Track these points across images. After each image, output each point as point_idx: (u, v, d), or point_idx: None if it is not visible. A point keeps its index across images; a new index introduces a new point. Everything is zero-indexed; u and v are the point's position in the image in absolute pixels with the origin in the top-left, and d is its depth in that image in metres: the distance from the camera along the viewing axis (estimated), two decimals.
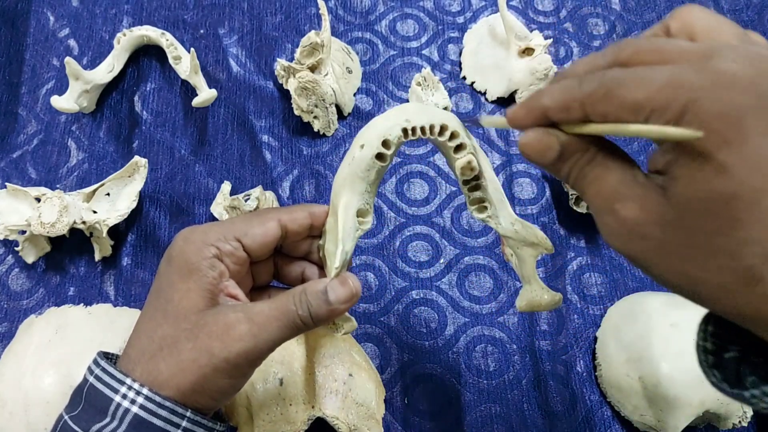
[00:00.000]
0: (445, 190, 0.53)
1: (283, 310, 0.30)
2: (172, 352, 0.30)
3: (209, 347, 0.29)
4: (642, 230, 0.22)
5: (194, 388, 0.29)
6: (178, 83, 0.57)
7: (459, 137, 0.31)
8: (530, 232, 0.33)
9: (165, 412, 0.29)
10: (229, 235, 0.31)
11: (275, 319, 0.30)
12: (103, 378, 0.30)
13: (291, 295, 0.31)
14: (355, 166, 0.31)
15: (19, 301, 0.49)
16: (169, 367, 0.29)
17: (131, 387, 0.29)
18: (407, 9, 0.61)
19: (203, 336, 0.29)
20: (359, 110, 0.56)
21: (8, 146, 0.55)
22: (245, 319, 0.30)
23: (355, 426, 0.40)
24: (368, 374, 0.43)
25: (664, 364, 0.42)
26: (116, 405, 0.29)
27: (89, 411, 0.30)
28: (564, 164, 0.25)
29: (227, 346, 0.29)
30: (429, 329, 0.48)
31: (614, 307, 0.49)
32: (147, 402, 0.29)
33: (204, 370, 0.29)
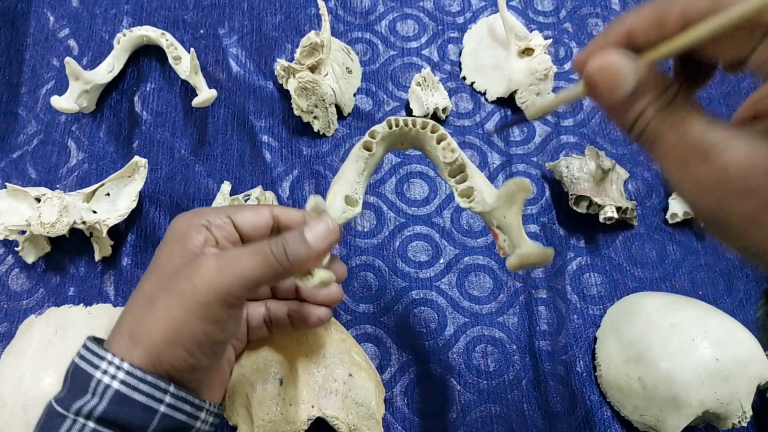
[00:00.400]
0: (445, 190, 0.53)
1: (256, 249, 0.30)
2: (150, 308, 0.30)
3: (179, 289, 0.29)
4: (747, 182, 0.17)
5: (167, 338, 0.29)
6: (178, 83, 0.57)
7: (439, 130, 0.35)
8: (508, 186, 0.33)
9: (147, 387, 0.29)
10: (221, 213, 0.33)
11: (246, 255, 0.30)
12: (85, 356, 0.30)
13: (267, 238, 0.31)
14: (348, 157, 0.35)
15: (19, 301, 0.49)
16: (146, 323, 0.29)
17: (111, 362, 0.29)
18: (407, 9, 0.61)
19: (174, 282, 0.29)
20: (359, 110, 0.56)
21: (8, 146, 0.55)
22: (213, 256, 0.30)
23: (355, 426, 0.40)
24: (368, 374, 0.43)
25: (663, 364, 0.42)
26: (96, 381, 0.28)
27: (73, 390, 0.29)
28: (637, 102, 0.20)
29: (194, 283, 0.29)
30: (429, 329, 0.48)
31: (614, 307, 0.49)
32: (128, 377, 0.28)
33: (174, 313, 0.29)
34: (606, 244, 0.51)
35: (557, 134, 0.55)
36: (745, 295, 0.50)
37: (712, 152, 0.18)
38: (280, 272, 0.30)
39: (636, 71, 0.20)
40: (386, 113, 0.56)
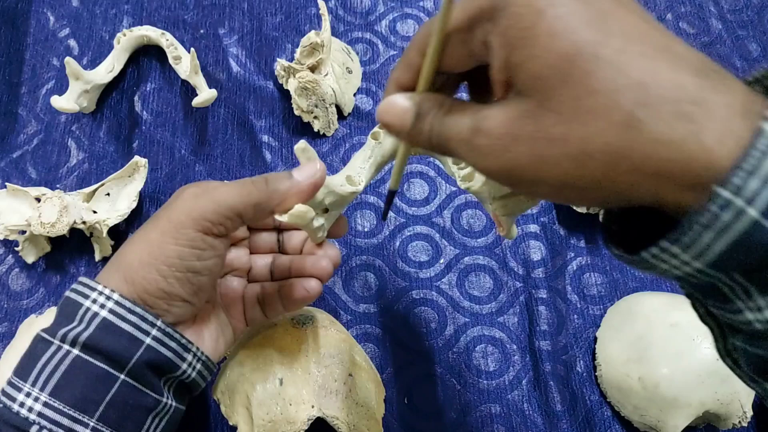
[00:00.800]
0: (445, 190, 0.53)
1: (239, 182, 0.31)
2: (131, 239, 0.31)
3: (158, 215, 0.31)
4: (513, 131, 0.21)
5: (141, 260, 0.30)
6: (178, 83, 0.57)
7: None
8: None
9: (134, 317, 0.29)
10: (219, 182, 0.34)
11: (225, 185, 0.31)
12: (76, 288, 0.30)
13: (252, 177, 0.32)
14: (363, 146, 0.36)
15: (19, 301, 0.49)
16: (126, 251, 0.31)
17: (102, 293, 0.29)
18: (407, 9, 0.61)
19: (158, 212, 0.31)
20: (359, 110, 0.56)
21: (8, 146, 0.55)
22: (193, 185, 0.31)
23: (355, 426, 0.40)
24: (368, 374, 0.43)
25: (663, 364, 0.42)
26: (85, 309, 0.29)
27: (59, 320, 0.30)
28: (423, 122, 0.25)
29: (172, 207, 0.30)
30: (429, 329, 0.48)
31: (614, 307, 0.49)
32: (117, 306, 0.29)
33: (150, 235, 0.30)
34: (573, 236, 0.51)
35: None
36: None
37: (482, 124, 0.22)
38: (258, 200, 0.31)
39: (414, 102, 0.25)
40: None
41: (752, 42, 0.60)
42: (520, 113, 0.21)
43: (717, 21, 0.61)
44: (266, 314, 0.39)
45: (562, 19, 0.19)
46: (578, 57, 0.19)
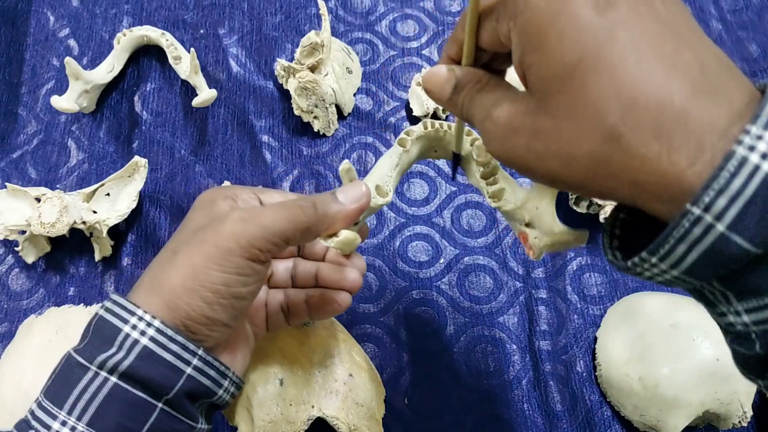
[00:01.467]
0: (445, 190, 0.53)
1: (283, 204, 0.30)
2: (171, 260, 0.29)
3: (202, 239, 0.29)
4: (515, 124, 0.23)
5: (185, 284, 0.28)
6: (178, 83, 0.57)
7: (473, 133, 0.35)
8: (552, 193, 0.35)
9: (176, 346, 0.28)
10: (248, 190, 0.33)
11: (272, 209, 0.30)
12: (112, 309, 0.29)
13: (300, 199, 0.31)
14: (384, 154, 0.36)
15: (19, 301, 0.49)
16: (165, 271, 0.29)
17: (142, 318, 0.28)
18: (407, 9, 0.61)
19: (199, 234, 0.29)
20: (359, 110, 0.56)
21: (8, 146, 0.55)
22: (239, 209, 0.30)
23: (355, 426, 0.40)
24: (368, 374, 0.43)
25: (663, 364, 0.42)
26: (124, 335, 0.28)
27: (95, 342, 0.28)
28: (459, 95, 0.27)
29: (217, 232, 0.29)
30: (429, 329, 0.48)
31: (614, 307, 0.49)
32: (158, 334, 0.28)
33: (194, 260, 0.29)
34: None
35: None
36: None
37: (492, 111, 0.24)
38: (307, 226, 0.30)
39: (455, 75, 0.27)
40: (386, 113, 0.56)
41: (752, 43, 0.60)
42: (524, 109, 0.23)
43: (717, 22, 0.61)
44: (289, 322, 0.38)
45: (573, 24, 0.20)
46: (579, 66, 0.20)
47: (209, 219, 0.31)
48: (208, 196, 0.33)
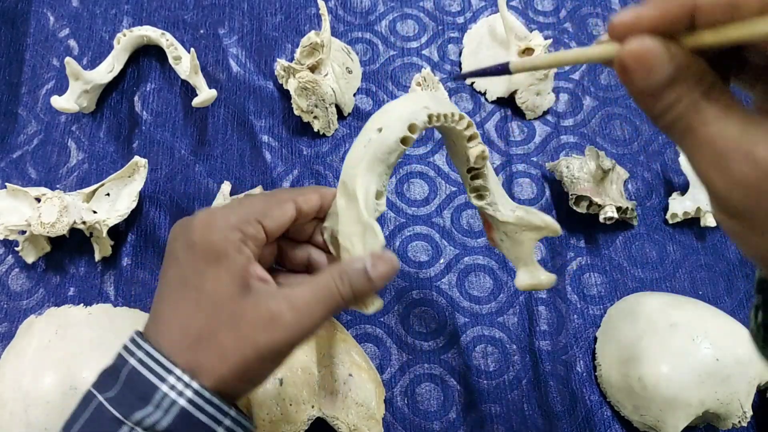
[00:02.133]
0: (445, 190, 0.53)
1: (325, 293, 0.30)
2: (212, 344, 0.29)
3: (254, 338, 0.28)
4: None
5: (236, 377, 0.29)
6: (178, 83, 0.57)
7: (473, 126, 0.33)
8: (535, 216, 0.35)
9: (211, 408, 0.28)
10: (251, 218, 0.30)
11: (317, 303, 0.29)
12: (147, 363, 0.28)
13: (330, 276, 0.30)
14: (374, 149, 0.31)
15: (19, 301, 0.49)
16: (210, 359, 0.29)
17: (180, 378, 0.28)
18: (407, 9, 0.61)
19: (245, 326, 0.29)
20: (359, 110, 0.56)
21: (8, 146, 0.55)
22: (289, 308, 0.29)
23: (355, 426, 0.40)
24: (368, 374, 0.43)
25: (663, 364, 0.42)
26: (162, 395, 0.28)
27: (128, 396, 0.28)
28: (671, 91, 0.19)
29: (273, 337, 0.28)
30: (429, 329, 0.48)
31: (614, 307, 0.49)
32: (195, 396, 0.28)
33: (248, 359, 0.28)
34: (606, 244, 0.51)
35: (557, 134, 0.55)
36: (745, 295, 0.50)
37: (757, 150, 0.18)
38: (343, 308, 0.31)
39: (674, 58, 0.19)
40: None
41: None
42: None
43: None
44: None
45: None
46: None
47: (235, 286, 0.29)
48: (218, 245, 0.29)
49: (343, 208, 0.33)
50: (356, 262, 0.30)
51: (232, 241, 0.29)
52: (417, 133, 0.31)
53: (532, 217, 0.35)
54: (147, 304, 0.49)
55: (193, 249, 0.30)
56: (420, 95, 0.33)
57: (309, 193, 0.33)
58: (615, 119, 0.56)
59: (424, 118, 0.31)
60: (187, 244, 0.30)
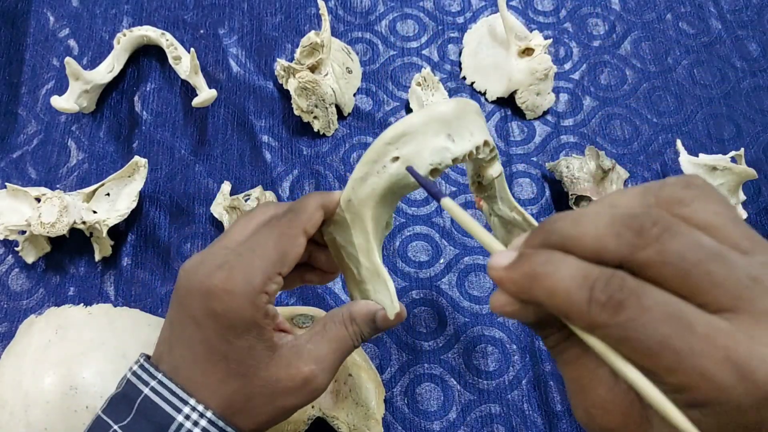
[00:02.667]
0: (445, 190, 0.53)
1: (343, 347, 0.31)
2: (246, 409, 0.29)
3: (290, 403, 0.30)
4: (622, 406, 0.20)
5: (260, 427, 0.30)
6: (178, 83, 0.57)
7: (495, 150, 0.32)
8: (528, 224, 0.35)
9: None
10: (272, 273, 0.29)
11: (339, 359, 0.31)
12: (161, 393, 0.29)
13: (343, 326, 0.31)
14: (388, 181, 0.30)
15: (19, 301, 0.49)
16: (245, 423, 0.30)
17: (195, 408, 0.28)
18: (407, 9, 0.61)
19: (281, 393, 0.30)
20: (359, 110, 0.56)
21: (8, 146, 0.55)
22: (320, 370, 0.30)
23: (355, 426, 0.40)
24: (368, 374, 0.43)
25: None
26: (178, 425, 0.28)
27: (143, 424, 0.28)
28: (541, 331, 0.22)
29: (305, 398, 0.30)
30: (429, 329, 0.48)
31: None
32: (210, 426, 0.28)
33: (277, 419, 0.30)
34: None
35: (557, 134, 0.55)
36: None
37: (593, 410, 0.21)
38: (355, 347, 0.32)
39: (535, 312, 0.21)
40: (386, 113, 0.56)
41: (752, 42, 0.60)
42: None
43: (717, 21, 0.61)
44: None
45: None
46: None
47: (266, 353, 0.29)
48: (235, 313, 0.28)
49: (347, 223, 0.32)
50: (366, 310, 0.32)
51: (259, 308, 0.28)
52: (439, 176, 0.30)
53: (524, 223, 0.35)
54: (147, 304, 0.49)
55: (216, 319, 0.28)
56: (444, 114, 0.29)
57: (314, 214, 0.31)
58: (615, 119, 0.56)
59: (448, 162, 0.29)
60: (209, 312, 0.28)
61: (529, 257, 0.20)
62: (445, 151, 0.29)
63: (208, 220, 0.52)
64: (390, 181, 0.30)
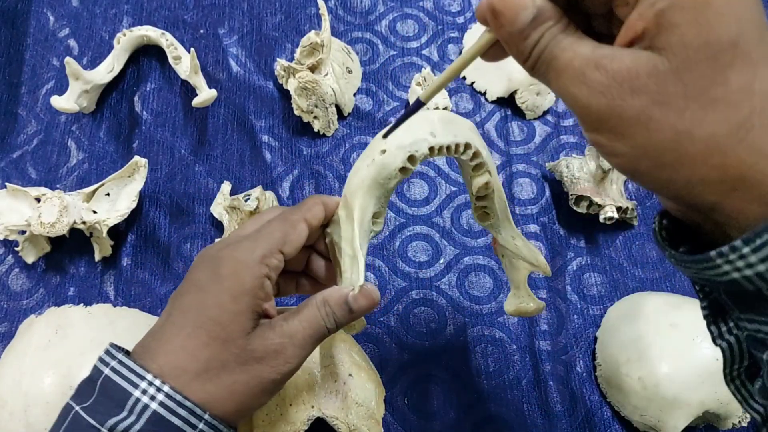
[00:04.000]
0: (445, 190, 0.53)
1: (314, 327, 0.32)
2: (221, 375, 0.30)
3: (259, 372, 0.31)
4: (635, 82, 0.21)
5: (238, 408, 0.31)
6: (178, 83, 0.57)
7: (480, 156, 0.32)
8: (531, 253, 0.35)
9: (184, 412, 0.29)
10: (274, 249, 0.32)
11: (310, 337, 0.32)
12: (120, 371, 0.30)
13: (316, 308, 0.32)
14: (374, 172, 0.31)
15: (19, 301, 0.49)
16: (218, 389, 0.30)
17: (152, 383, 0.29)
18: (407, 9, 0.61)
19: (252, 361, 0.31)
20: (359, 110, 0.56)
21: (8, 146, 0.55)
22: (290, 344, 0.31)
23: (355, 426, 0.40)
24: (368, 374, 0.43)
25: (663, 364, 0.42)
26: (135, 400, 0.29)
27: (104, 403, 0.29)
28: (536, 29, 0.23)
29: (276, 370, 0.31)
30: (429, 329, 0.48)
31: (614, 307, 0.49)
32: (167, 399, 0.29)
33: (253, 391, 0.31)
34: (606, 244, 0.51)
35: (557, 134, 0.55)
36: None
37: (604, 61, 0.21)
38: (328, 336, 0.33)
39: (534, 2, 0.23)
40: (386, 113, 0.56)
41: None
42: (650, 69, 0.20)
43: None
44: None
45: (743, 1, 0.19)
46: (733, 46, 0.19)
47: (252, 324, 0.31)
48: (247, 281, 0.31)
49: (342, 219, 0.34)
50: (339, 294, 0.33)
51: (258, 277, 0.31)
52: (417, 164, 0.31)
53: (527, 253, 0.35)
54: (147, 304, 0.49)
55: (220, 282, 0.31)
56: (430, 117, 0.32)
57: (314, 206, 0.34)
58: None
59: (424, 150, 0.31)
60: (215, 276, 0.31)
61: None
62: (423, 141, 0.31)
63: (208, 220, 0.52)
64: (375, 171, 0.31)
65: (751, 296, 0.22)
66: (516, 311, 0.38)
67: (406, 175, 0.32)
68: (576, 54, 0.22)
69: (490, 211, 0.35)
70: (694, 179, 0.21)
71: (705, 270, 0.22)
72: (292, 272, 0.37)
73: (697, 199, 0.21)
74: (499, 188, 0.34)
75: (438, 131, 0.31)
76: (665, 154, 0.21)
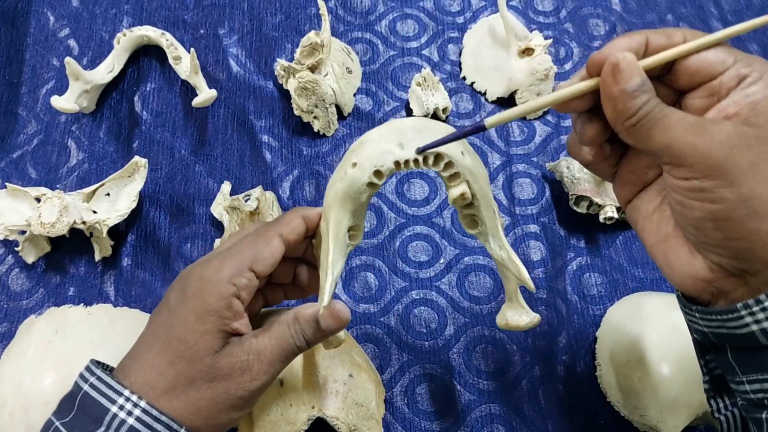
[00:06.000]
0: (445, 190, 0.53)
1: (283, 345, 0.32)
2: (188, 392, 0.31)
3: (226, 389, 0.31)
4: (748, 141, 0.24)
5: (207, 423, 0.31)
6: (178, 83, 0.57)
7: (453, 166, 0.31)
8: (514, 266, 0.34)
9: (160, 426, 0.30)
10: (243, 268, 0.32)
11: (278, 354, 0.32)
12: (98, 387, 0.30)
13: (286, 325, 0.33)
14: (346, 185, 0.31)
15: (19, 301, 0.49)
16: (185, 405, 0.31)
17: (129, 399, 0.30)
18: (407, 9, 0.61)
19: (219, 378, 0.31)
20: (359, 110, 0.56)
21: (8, 146, 0.55)
22: (256, 361, 0.32)
23: (355, 426, 0.40)
24: (368, 374, 0.43)
25: (664, 364, 0.42)
26: (112, 415, 0.29)
27: (82, 419, 0.30)
28: (643, 94, 0.26)
29: (243, 387, 0.31)
30: (429, 329, 0.48)
31: (614, 307, 0.49)
32: (144, 415, 0.30)
33: (219, 407, 0.31)
34: (606, 244, 0.51)
35: (557, 134, 0.55)
36: None
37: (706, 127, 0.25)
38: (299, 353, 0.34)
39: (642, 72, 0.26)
40: (386, 113, 0.56)
41: (753, 43, 0.60)
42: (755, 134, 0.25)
43: (717, 22, 0.61)
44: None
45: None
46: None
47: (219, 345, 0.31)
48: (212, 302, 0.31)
49: (324, 232, 0.33)
50: (309, 311, 0.33)
51: (224, 297, 0.31)
52: (384, 179, 0.31)
53: (510, 265, 0.34)
54: (147, 304, 0.49)
55: (185, 301, 0.31)
56: (402, 125, 0.31)
57: (292, 221, 0.34)
58: None
59: (390, 165, 0.30)
60: (182, 297, 0.32)
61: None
62: (389, 154, 0.30)
63: (208, 221, 0.52)
64: (347, 185, 0.31)
65: (760, 351, 0.25)
66: (506, 326, 0.36)
67: (375, 189, 0.31)
68: (685, 115, 0.26)
69: (478, 219, 0.34)
70: (758, 252, 0.24)
71: (728, 321, 0.25)
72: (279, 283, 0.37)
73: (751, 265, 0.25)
74: (485, 196, 0.33)
75: (408, 141, 0.30)
76: (762, 206, 0.24)
